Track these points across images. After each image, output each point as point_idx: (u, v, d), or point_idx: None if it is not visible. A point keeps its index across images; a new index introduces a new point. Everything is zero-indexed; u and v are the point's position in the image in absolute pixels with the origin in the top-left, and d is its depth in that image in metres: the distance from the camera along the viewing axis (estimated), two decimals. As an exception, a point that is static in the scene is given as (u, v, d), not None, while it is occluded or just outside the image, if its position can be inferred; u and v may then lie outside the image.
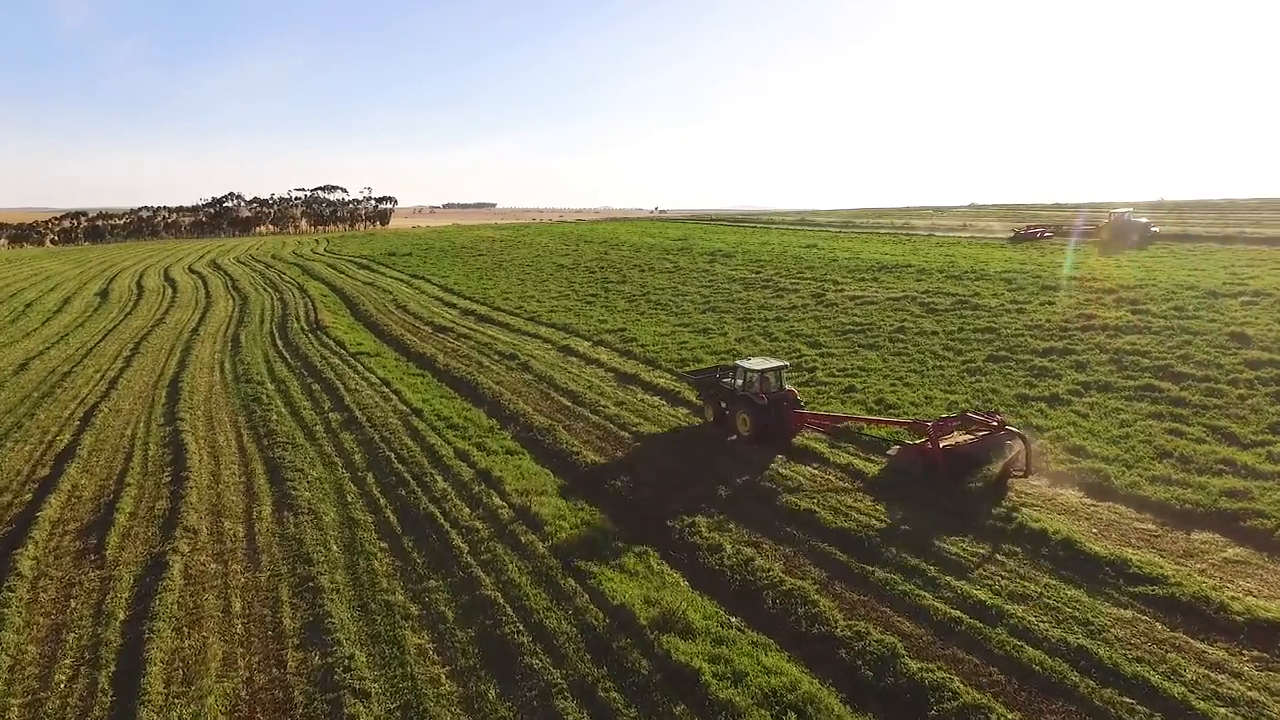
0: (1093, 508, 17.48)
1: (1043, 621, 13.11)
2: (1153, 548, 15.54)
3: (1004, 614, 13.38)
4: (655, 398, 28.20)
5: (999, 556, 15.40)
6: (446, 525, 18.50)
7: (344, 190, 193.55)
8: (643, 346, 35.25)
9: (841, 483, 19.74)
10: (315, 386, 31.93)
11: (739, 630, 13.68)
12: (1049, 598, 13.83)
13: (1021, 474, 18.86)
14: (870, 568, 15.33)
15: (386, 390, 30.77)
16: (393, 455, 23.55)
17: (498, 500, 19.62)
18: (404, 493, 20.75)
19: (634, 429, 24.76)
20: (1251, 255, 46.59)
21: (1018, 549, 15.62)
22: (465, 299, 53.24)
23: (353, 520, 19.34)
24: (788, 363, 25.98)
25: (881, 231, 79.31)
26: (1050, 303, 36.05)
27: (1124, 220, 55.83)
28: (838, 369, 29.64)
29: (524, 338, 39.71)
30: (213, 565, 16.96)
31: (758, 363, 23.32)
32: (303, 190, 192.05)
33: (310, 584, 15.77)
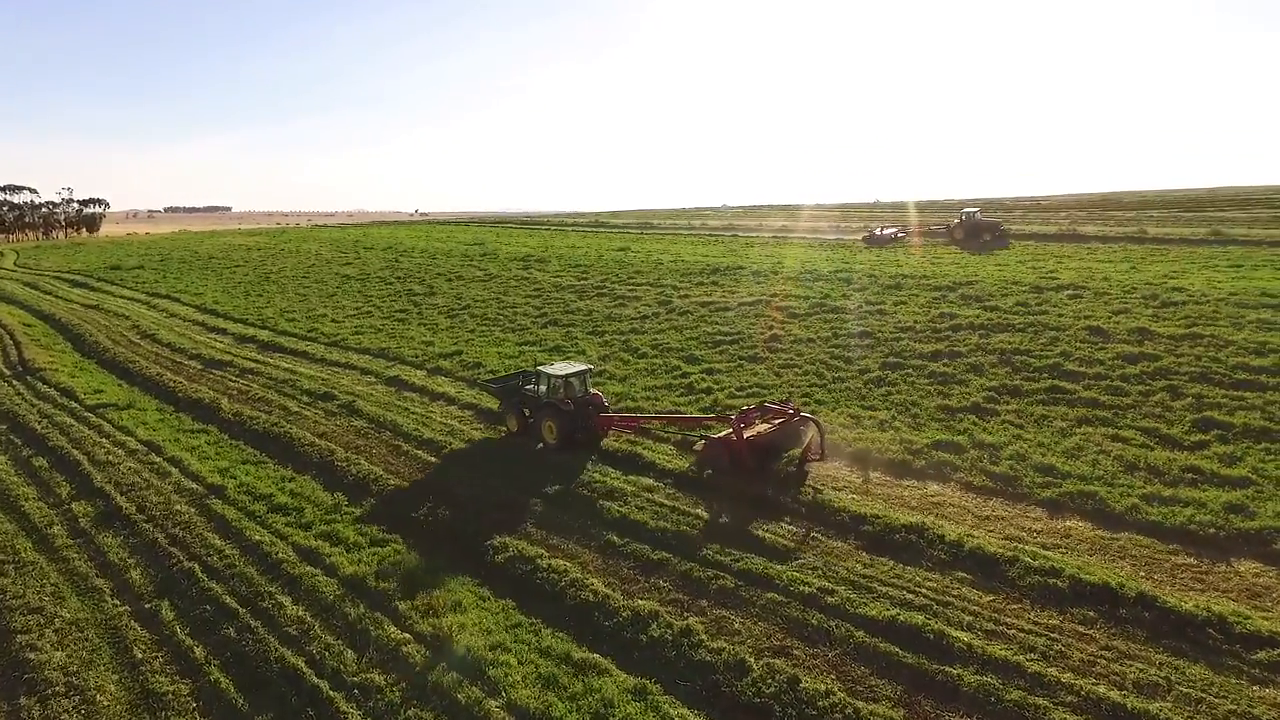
0: (1110, 540, 15.52)
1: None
2: (1218, 590, 13.69)
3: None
4: (602, 466, 22.52)
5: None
6: (327, 689, 12.18)
7: (33, 191, 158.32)
8: (492, 372, 29.53)
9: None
10: (40, 462, 22.54)
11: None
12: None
13: (818, 458, 19.76)
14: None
15: (158, 459, 22.38)
16: (197, 567, 16.23)
17: (395, 632, 13.53)
18: (233, 633, 13.91)
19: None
20: (1064, 251, 50.90)
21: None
22: (236, 322, 43.16)
23: (152, 696, 12.33)
24: (591, 365, 25.08)
25: (683, 233, 78.68)
26: (903, 302, 35.80)
27: (975, 219, 56.98)
28: (735, 388, 26.34)
29: (334, 369, 32.02)
30: None
31: (561, 367, 22.72)
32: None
33: None
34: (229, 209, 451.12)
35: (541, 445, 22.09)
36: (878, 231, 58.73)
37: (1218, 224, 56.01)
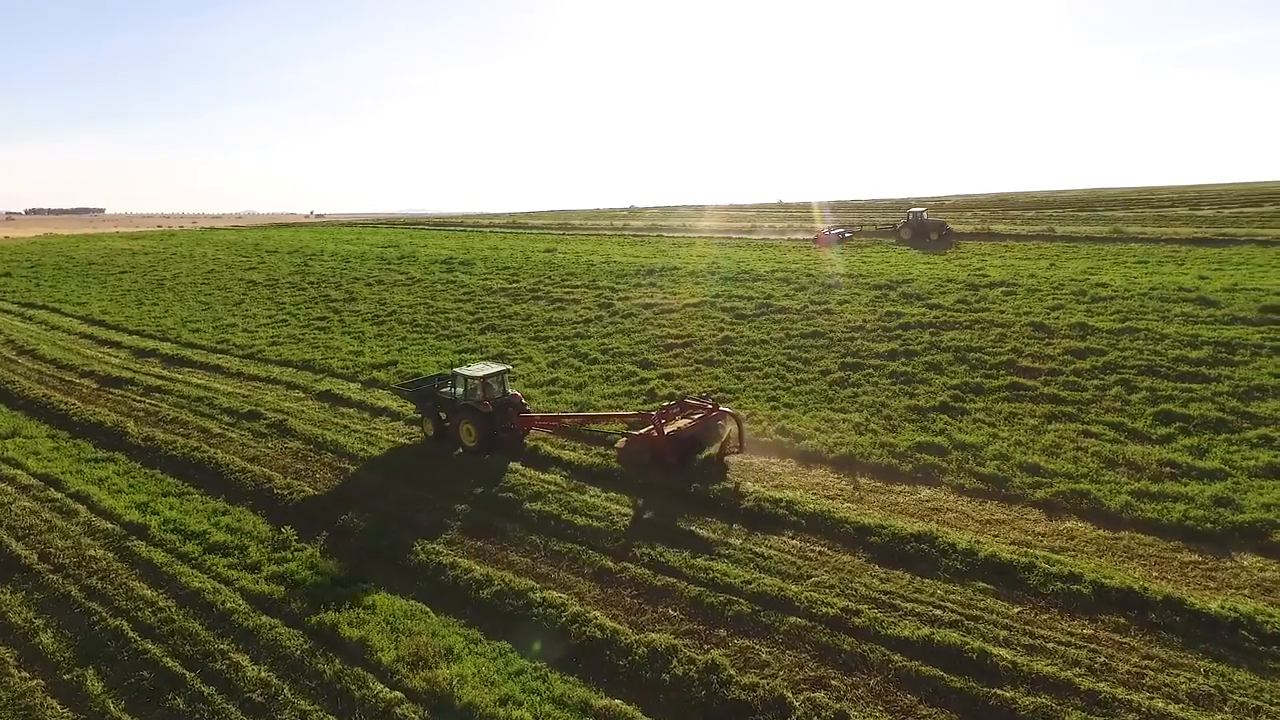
0: (1114, 541, 15.38)
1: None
2: (1231, 587, 13.65)
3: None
4: (531, 470, 20.83)
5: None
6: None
7: None
8: (434, 384, 27.50)
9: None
10: (-91, 505, 19.18)
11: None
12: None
13: (737, 450, 19.79)
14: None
15: (59, 495, 19.50)
16: (125, 625, 13.94)
17: (384, 691, 11.79)
18: (181, 704, 11.89)
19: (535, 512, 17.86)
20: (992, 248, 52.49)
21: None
22: (131, 334, 39.04)
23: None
24: (510, 366, 24.66)
25: (606, 233, 77.51)
26: (847, 301, 35.86)
27: (922, 219, 57.33)
28: (699, 393, 25.36)
29: (255, 384, 29.15)
30: None
31: (479, 368, 22.20)
32: None
33: None
34: (101, 210, 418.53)
35: (461, 450, 21.33)
36: (827, 231, 59.14)
37: (1117, 223, 59.30)
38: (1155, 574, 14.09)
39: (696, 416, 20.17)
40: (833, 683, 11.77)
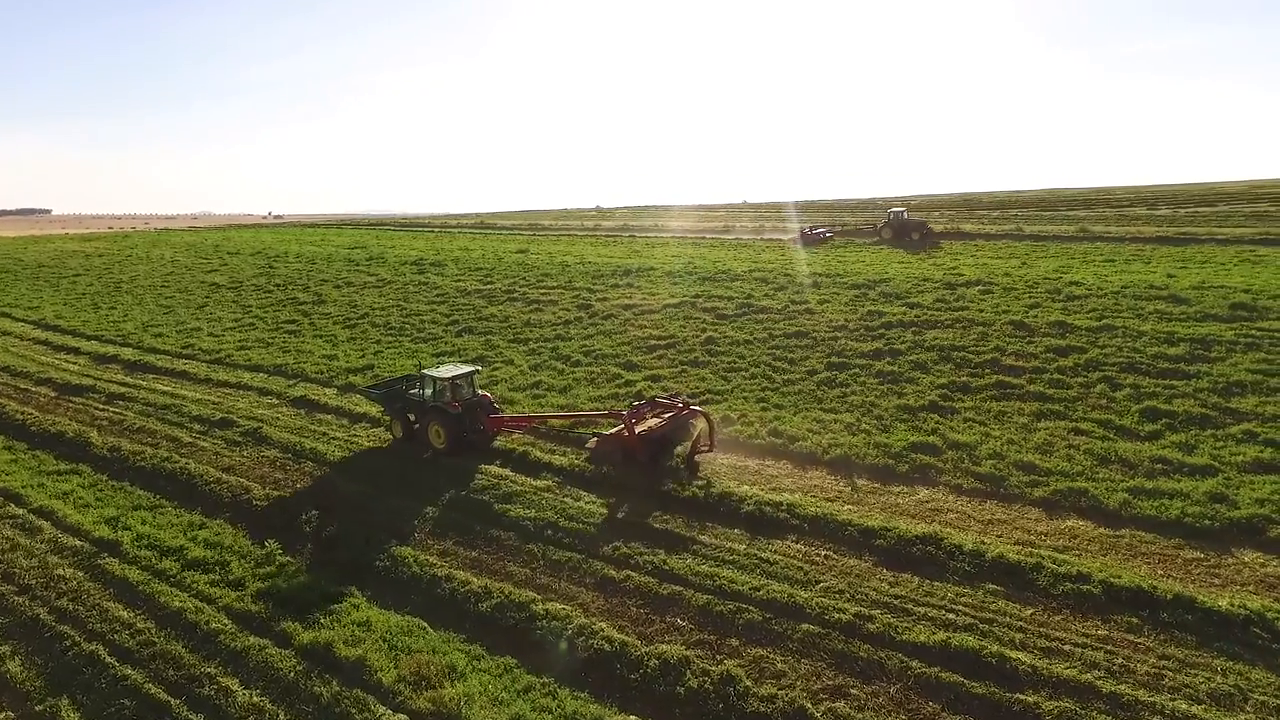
0: (1116, 539, 15.39)
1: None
2: (1236, 584, 13.70)
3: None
4: (522, 475, 20.12)
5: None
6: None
7: None
8: (414, 388, 26.75)
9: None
10: None
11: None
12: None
13: (707, 449, 19.84)
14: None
15: (20, 511, 18.49)
16: (101, 649, 13.14)
17: (388, 714, 11.22)
18: (169, 733, 11.12)
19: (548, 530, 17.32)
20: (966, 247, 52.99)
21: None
22: (89, 339, 37.46)
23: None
24: (479, 367, 24.41)
25: (578, 234, 76.87)
26: (827, 301, 35.88)
27: (902, 219, 57.25)
28: (687, 395, 24.97)
29: (225, 391, 28.09)
30: None
31: (447, 370, 22.17)
32: None
33: None
34: (48, 211, 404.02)
35: (430, 452, 21.16)
36: (809, 230, 59.19)
37: (1081, 222, 60.43)
38: (1161, 572, 14.11)
39: (667, 416, 20.07)
40: (852, 691, 11.50)
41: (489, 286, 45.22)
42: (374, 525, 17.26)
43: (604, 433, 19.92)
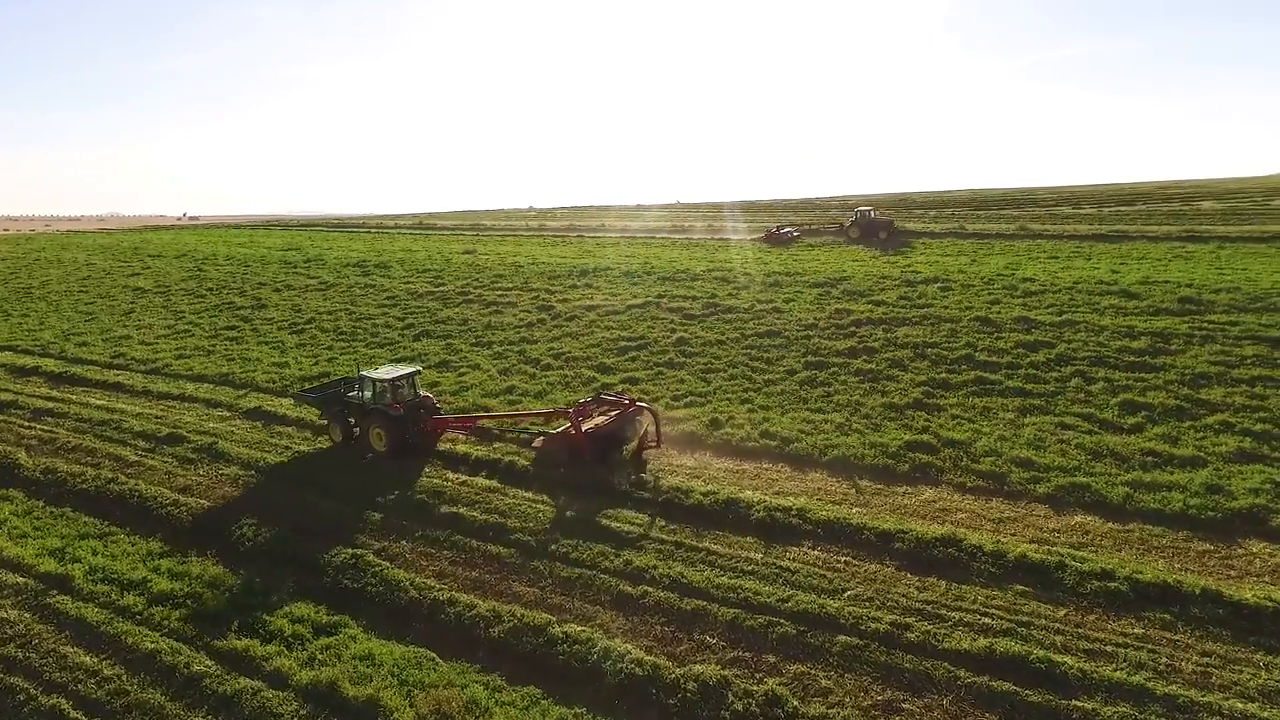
0: (1126, 533, 15.44)
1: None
2: (1252, 575, 13.84)
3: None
4: (516, 488, 19.28)
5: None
6: None
7: None
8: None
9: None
10: None
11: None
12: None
13: (654, 445, 19.76)
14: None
15: (-55, 546, 16.38)
16: (64, 703, 11.65)
17: (413, 759, 10.17)
18: (161, 798, 9.79)
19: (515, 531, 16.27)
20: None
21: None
22: (1, 349, 34.35)
23: None
24: (420, 368, 23.43)
25: (523, 234, 75.27)
26: (793, 300, 35.77)
27: (870, 218, 57.21)
28: (670, 397, 24.42)
29: (168, 404, 25.99)
30: None
31: (386, 371, 21.67)
32: None
33: None
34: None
35: (371, 455, 20.67)
36: (776, 230, 58.56)
37: (1020, 220, 62.40)
38: (1179, 565, 14.16)
39: (613, 413, 19.82)
40: (905, 706, 11.03)
41: (441, 288, 43.58)
42: (358, 545, 15.97)
43: (550, 432, 19.67)
